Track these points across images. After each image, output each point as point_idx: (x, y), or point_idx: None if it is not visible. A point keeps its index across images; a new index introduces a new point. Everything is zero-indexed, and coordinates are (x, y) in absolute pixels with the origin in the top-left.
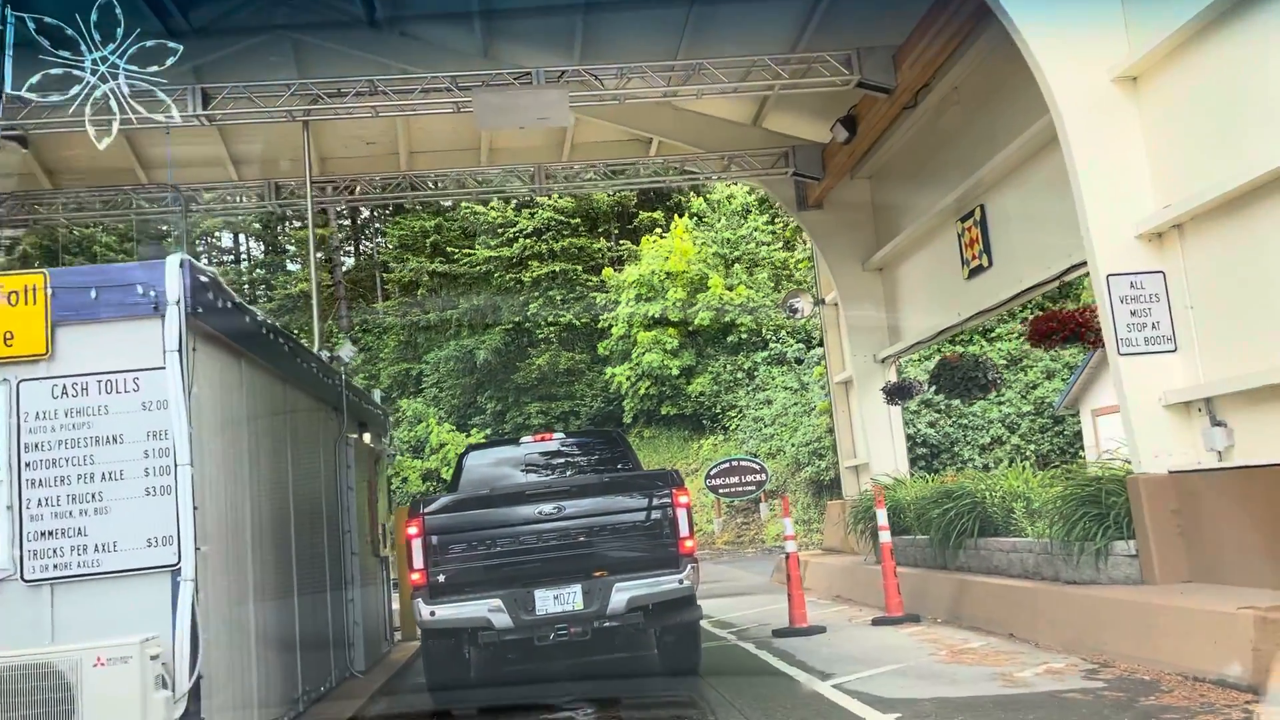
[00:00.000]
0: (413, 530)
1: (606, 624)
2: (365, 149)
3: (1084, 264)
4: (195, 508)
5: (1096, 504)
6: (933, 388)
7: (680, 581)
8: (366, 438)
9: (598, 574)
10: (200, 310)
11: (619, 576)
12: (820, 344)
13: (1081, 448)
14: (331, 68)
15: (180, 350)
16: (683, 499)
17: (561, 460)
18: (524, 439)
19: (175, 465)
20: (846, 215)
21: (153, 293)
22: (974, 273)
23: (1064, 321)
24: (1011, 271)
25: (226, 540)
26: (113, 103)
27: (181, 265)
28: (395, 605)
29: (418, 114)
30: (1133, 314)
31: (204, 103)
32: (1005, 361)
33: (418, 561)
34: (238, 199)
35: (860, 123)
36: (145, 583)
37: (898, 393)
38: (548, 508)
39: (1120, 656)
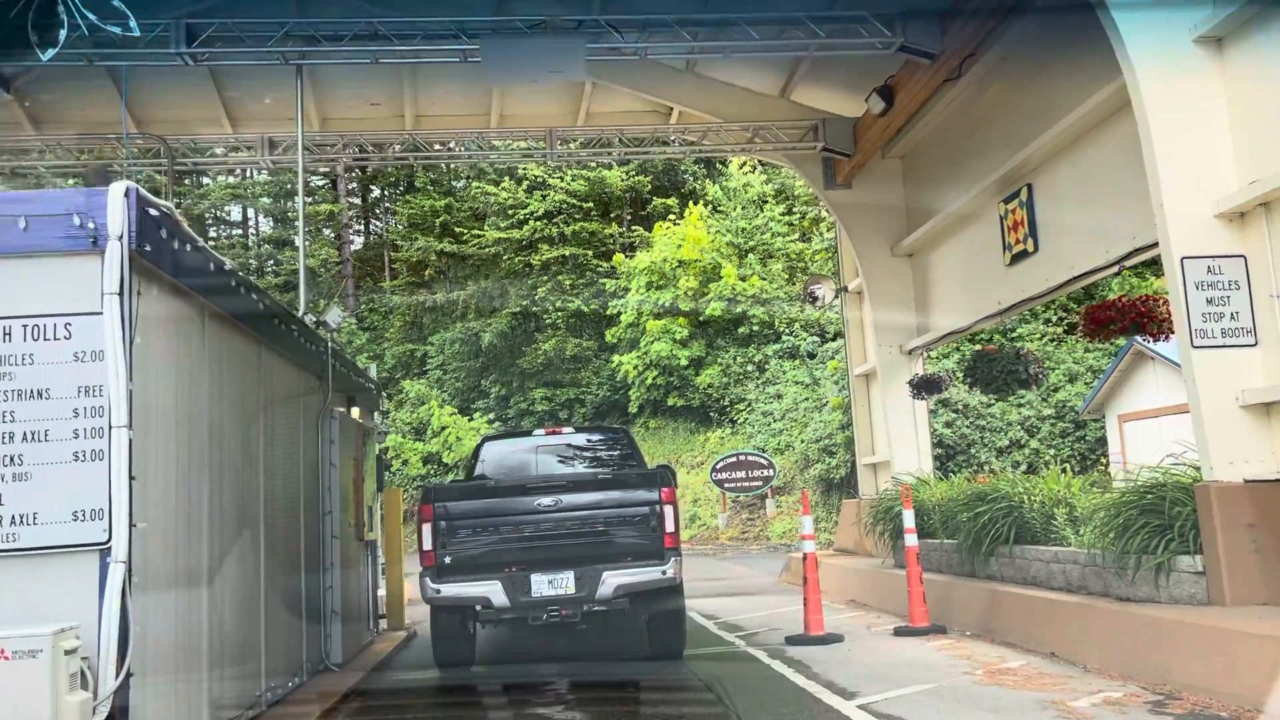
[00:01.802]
0: (425, 515)
1: (595, 608)
2: (369, 110)
3: (1149, 247)
4: (133, 478)
5: (1158, 514)
6: (967, 381)
7: (664, 572)
8: (355, 413)
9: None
10: (149, 249)
11: (608, 565)
12: (835, 338)
13: (1104, 454)
14: (330, 8)
15: (122, 293)
16: (670, 498)
17: (571, 454)
18: (536, 432)
19: (110, 427)
20: (876, 197)
21: (91, 224)
22: (1017, 258)
23: (1123, 310)
24: (1061, 257)
25: (175, 518)
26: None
27: (127, 194)
28: (382, 592)
29: (421, 61)
30: (1209, 302)
31: (189, 39)
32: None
33: (427, 544)
34: (232, 154)
35: (898, 93)
36: (68, 563)
37: (926, 386)
38: (546, 500)
39: (1188, 687)
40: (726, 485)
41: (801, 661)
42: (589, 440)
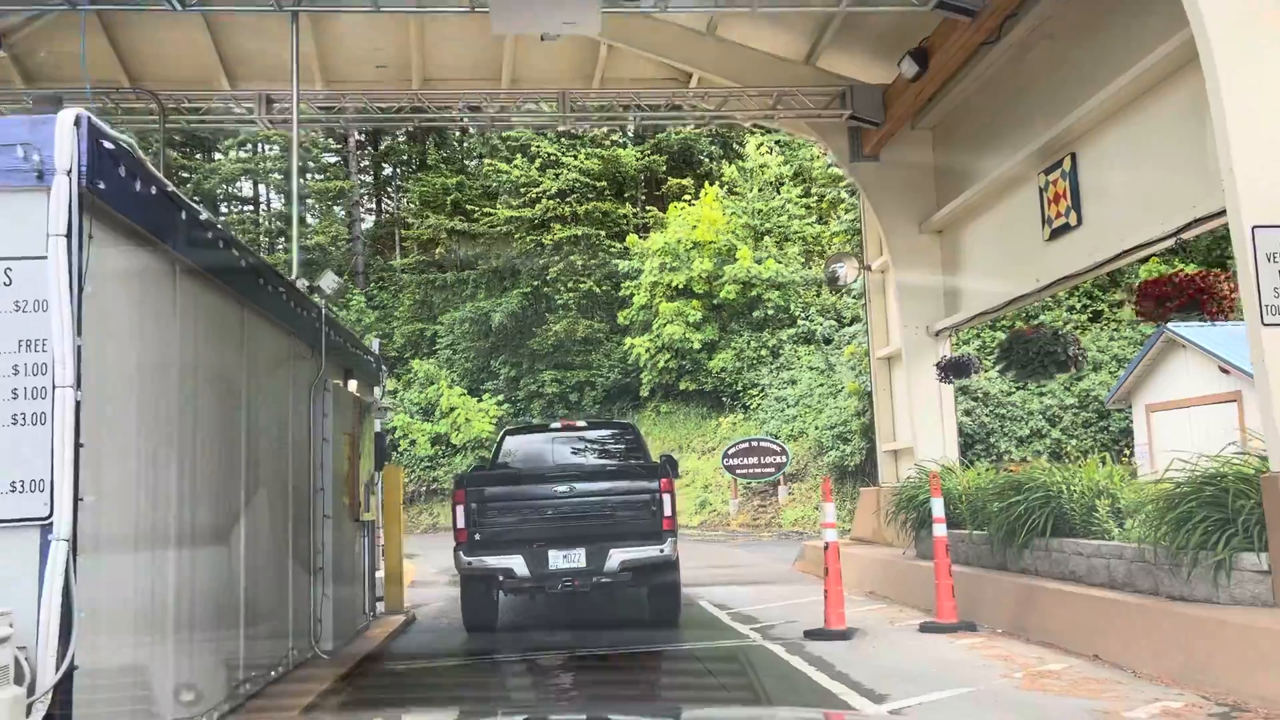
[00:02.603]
0: (458, 498)
1: (603, 580)
2: (376, 74)
3: (1211, 217)
4: (80, 445)
5: (1218, 506)
6: (1000, 364)
7: (662, 551)
8: (353, 386)
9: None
10: (103, 187)
11: (614, 543)
12: (852, 322)
13: (1128, 445)
14: None
15: (70, 236)
16: (669, 487)
17: (583, 445)
18: (553, 425)
19: (53, 387)
20: (904, 170)
21: (36, 157)
22: (1058, 233)
23: (1181, 286)
24: (1108, 230)
25: (138, 492)
26: None
27: (77, 123)
28: (380, 573)
29: (425, 9)
30: None
31: None
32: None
33: (461, 522)
34: (228, 113)
35: (933, 56)
36: (4, 540)
37: (954, 369)
38: (562, 488)
39: (1257, 698)
40: (738, 471)
41: (822, 659)
42: (600, 434)
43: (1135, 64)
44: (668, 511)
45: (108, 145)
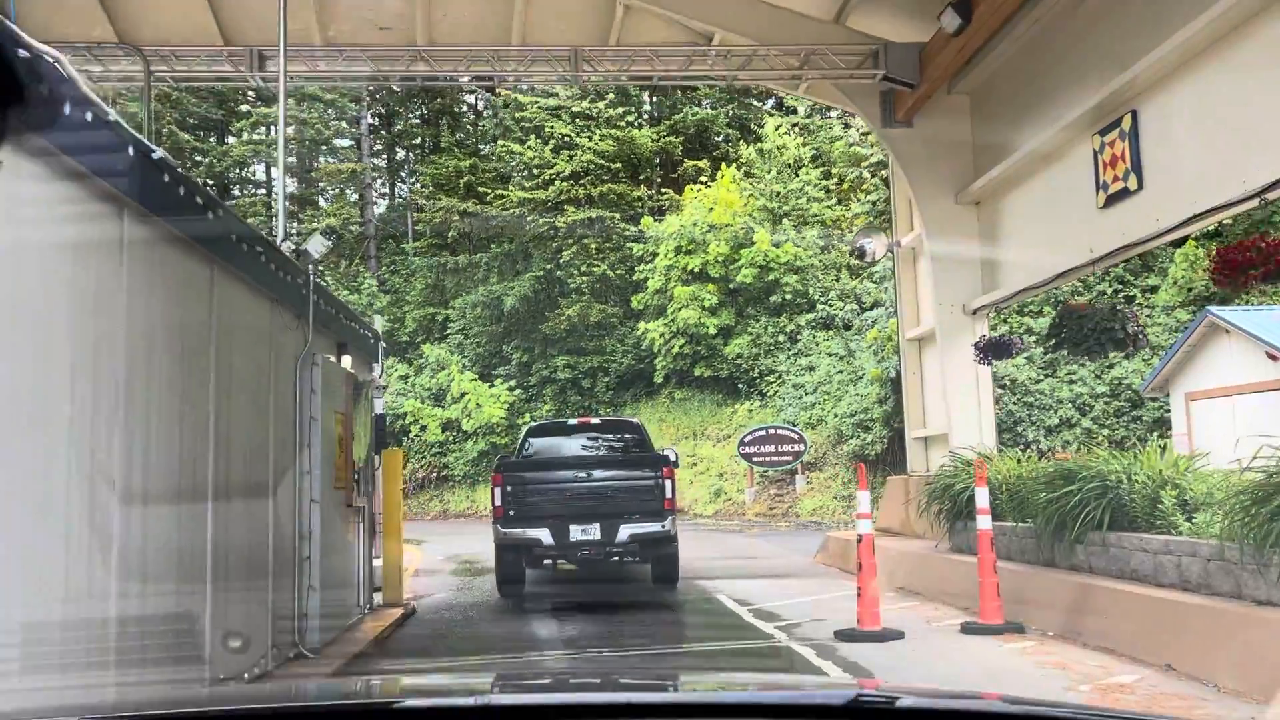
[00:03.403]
0: (496, 481)
1: (614, 550)
2: (379, 35)
3: None
4: None
5: None
6: (1049, 342)
7: (663, 527)
8: (346, 362)
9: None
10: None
11: (623, 520)
12: (874, 306)
13: (1164, 435)
14: None
15: None
16: (670, 475)
17: (596, 439)
18: (570, 421)
19: None
20: (940, 136)
21: None
22: (1114, 199)
23: (1267, 252)
24: (1175, 194)
25: (70, 468)
26: None
27: None
28: (378, 562)
29: None
30: None
31: None
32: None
33: (498, 501)
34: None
35: (977, 7)
36: None
37: (994, 350)
38: (580, 474)
39: None
40: (755, 459)
41: (858, 664)
42: (610, 430)
43: (1209, 8)
44: (668, 494)
45: (23, 53)
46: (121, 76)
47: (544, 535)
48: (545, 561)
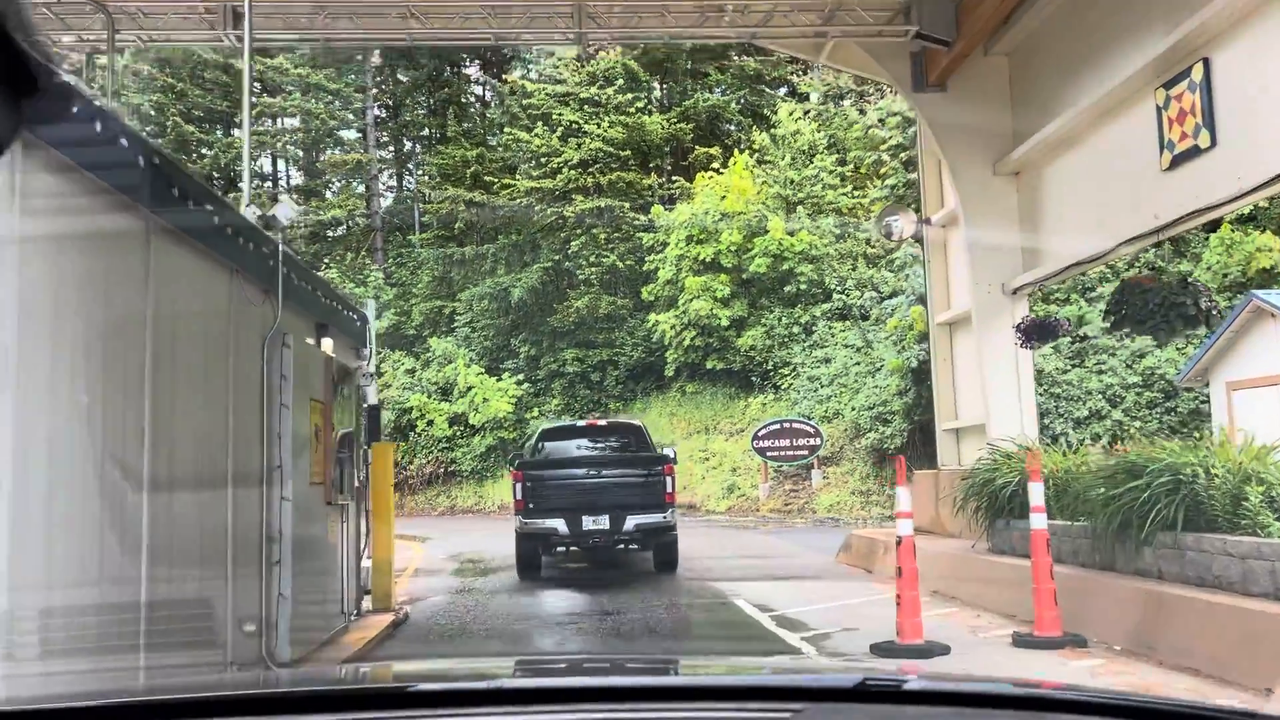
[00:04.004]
0: (516, 478)
1: (620, 538)
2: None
3: None
4: None
5: None
6: (1110, 320)
7: (664, 518)
8: (327, 345)
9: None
10: None
11: (629, 511)
12: (893, 295)
13: (1203, 427)
14: None
15: None
16: (670, 471)
17: (602, 438)
18: (579, 423)
19: None
20: (975, 102)
21: None
22: (1182, 159)
23: None
24: (1258, 150)
25: None
26: None
27: None
28: (367, 562)
29: None
30: None
31: None
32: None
33: (519, 495)
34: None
35: None
36: None
37: (1038, 332)
38: (591, 471)
39: None
40: (769, 454)
41: None
42: (614, 431)
43: None
44: (669, 489)
45: None
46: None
47: (560, 525)
48: (558, 549)
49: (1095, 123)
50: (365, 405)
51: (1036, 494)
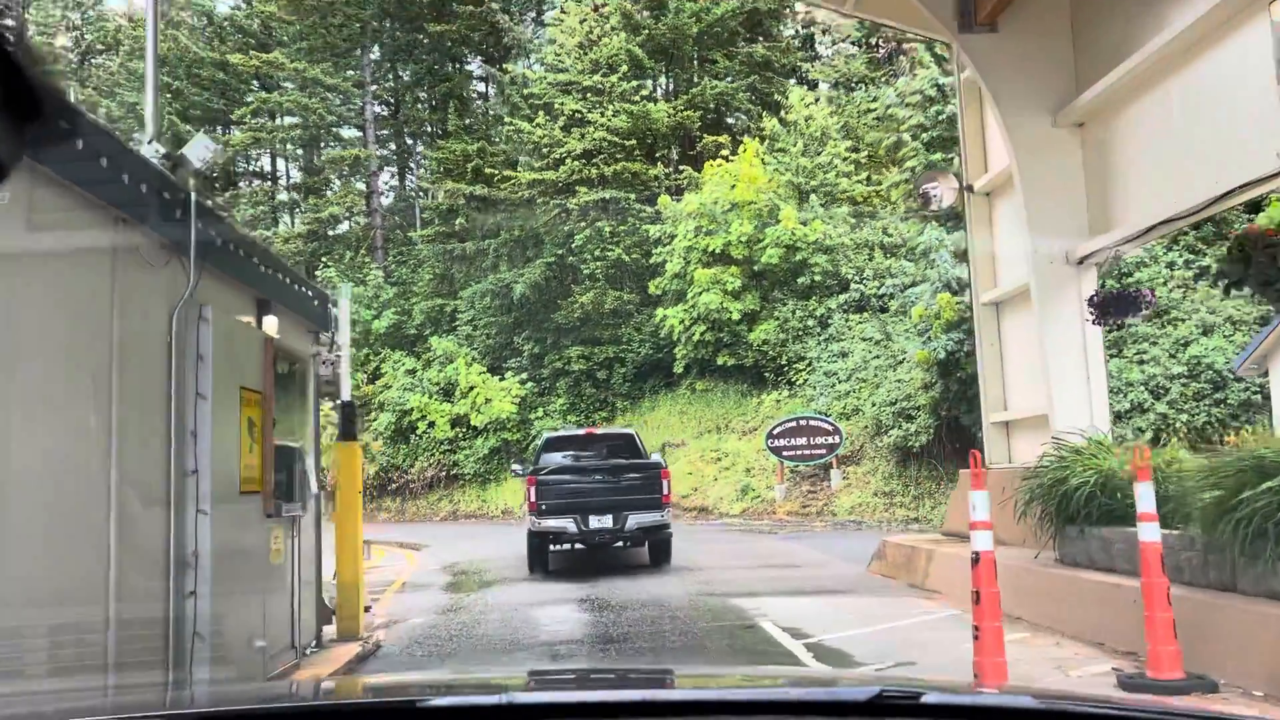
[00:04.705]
0: (530, 482)
1: (624, 535)
2: None
3: None
4: None
5: None
6: (1224, 281)
7: (661, 517)
8: (270, 325)
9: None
10: None
11: (630, 511)
12: (917, 283)
13: (1259, 420)
14: None
15: None
16: (666, 475)
17: (600, 444)
18: (578, 432)
19: None
20: (1032, 42)
21: None
22: None
23: None
24: None
25: None
26: None
27: None
28: (331, 574)
29: None
30: None
31: None
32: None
33: (533, 497)
34: None
35: None
36: None
37: (1116, 305)
38: (597, 475)
39: None
40: (785, 454)
41: None
42: (610, 439)
43: None
44: (665, 491)
45: None
46: None
47: (569, 524)
48: (566, 546)
49: (1184, 55)
50: (339, 401)
51: (1146, 498)
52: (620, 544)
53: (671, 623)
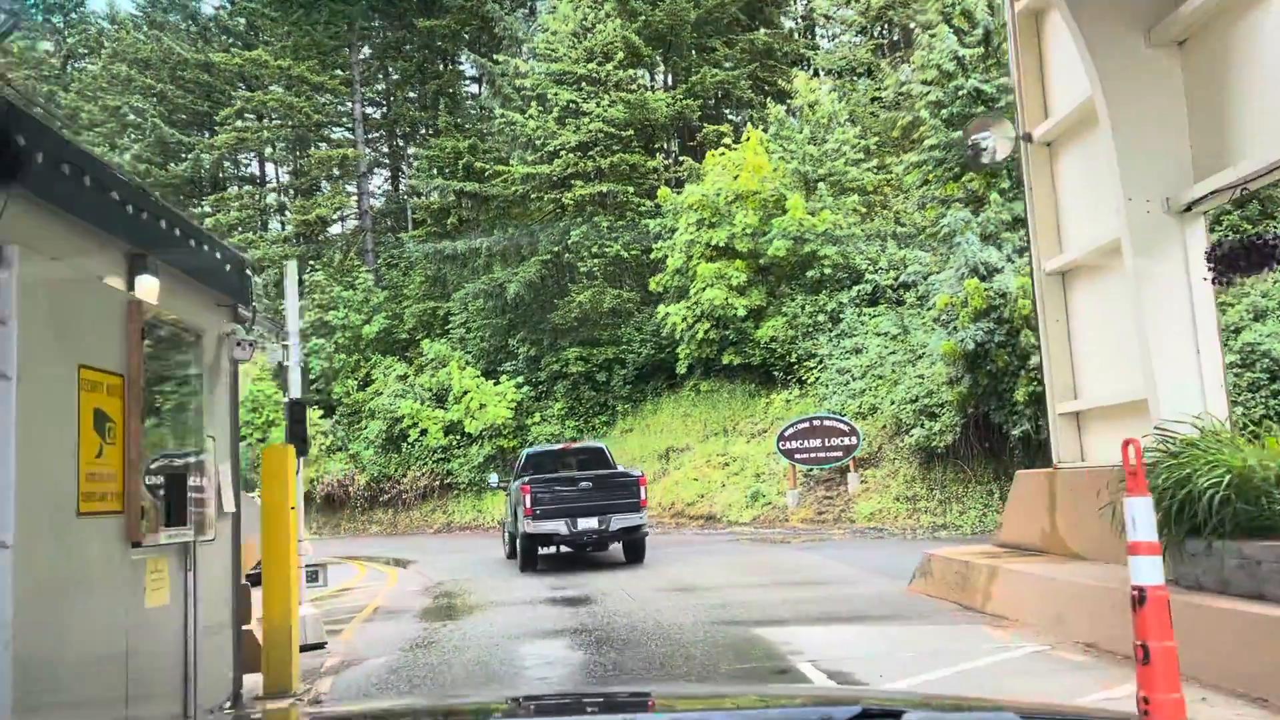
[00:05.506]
0: (524, 490)
1: (608, 535)
2: None
3: None
4: None
5: None
6: None
7: (639, 519)
8: (146, 287)
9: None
10: None
11: (613, 514)
12: (937, 272)
13: None
14: None
15: None
16: (643, 482)
17: (577, 458)
18: (556, 447)
19: None
20: None
21: None
22: None
23: None
24: None
25: None
26: None
27: None
28: (257, 619)
29: None
30: None
31: None
32: None
33: (529, 503)
34: None
35: None
36: None
37: (1246, 258)
38: (584, 483)
39: None
40: (797, 456)
41: None
42: (584, 452)
43: None
44: (643, 496)
45: None
46: None
47: (561, 527)
48: (555, 545)
49: None
50: (286, 399)
51: None
52: (603, 544)
53: (686, 663)
